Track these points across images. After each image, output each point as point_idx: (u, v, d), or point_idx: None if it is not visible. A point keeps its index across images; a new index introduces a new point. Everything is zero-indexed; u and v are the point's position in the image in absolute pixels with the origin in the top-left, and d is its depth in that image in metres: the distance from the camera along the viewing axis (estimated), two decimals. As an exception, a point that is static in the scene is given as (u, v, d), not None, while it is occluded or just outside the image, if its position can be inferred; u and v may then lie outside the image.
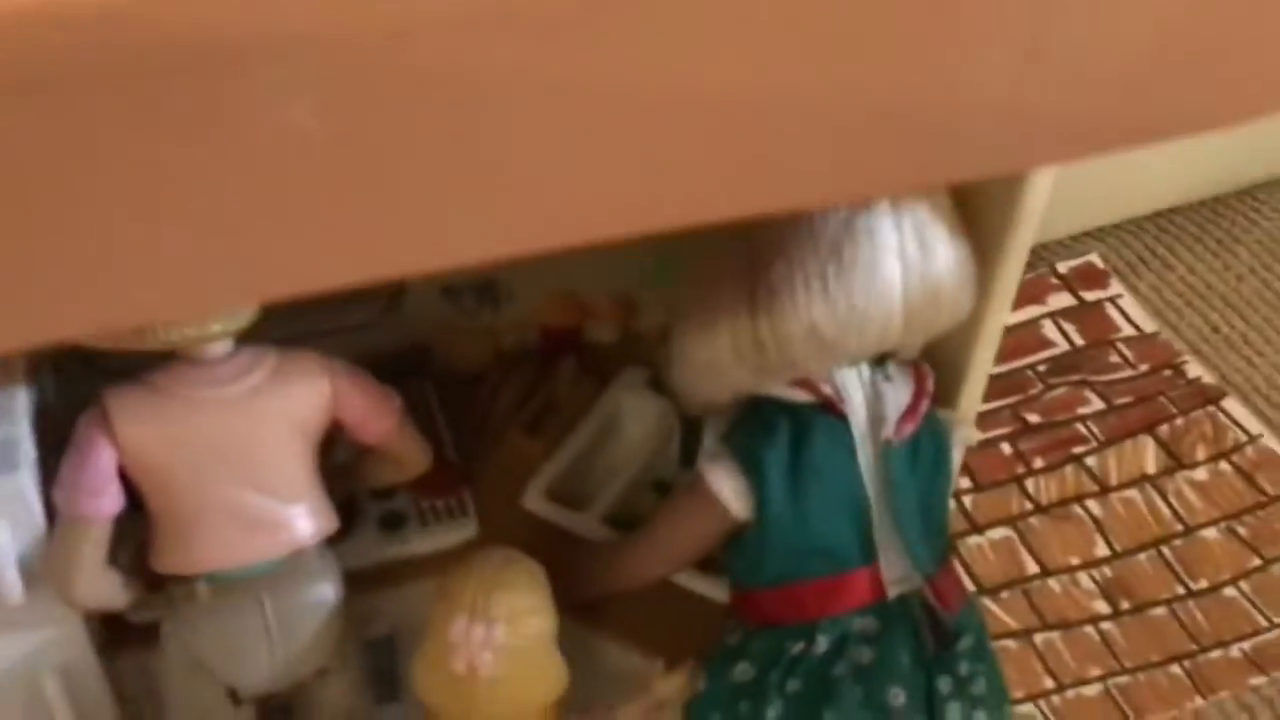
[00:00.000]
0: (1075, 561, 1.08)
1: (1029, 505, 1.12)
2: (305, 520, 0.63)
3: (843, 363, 0.60)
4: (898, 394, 0.62)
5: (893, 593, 0.62)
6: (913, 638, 0.62)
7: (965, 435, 0.66)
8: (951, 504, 0.77)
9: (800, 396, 0.61)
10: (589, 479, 0.79)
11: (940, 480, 0.64)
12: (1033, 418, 1.18)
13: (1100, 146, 0.41)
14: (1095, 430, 1.18)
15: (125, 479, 0.60)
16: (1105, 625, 1.03)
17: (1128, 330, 1.26)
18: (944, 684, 0.62)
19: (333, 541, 0.72)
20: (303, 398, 0.61)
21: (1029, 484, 1.13)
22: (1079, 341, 1.25)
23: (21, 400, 0.62)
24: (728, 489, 0.61)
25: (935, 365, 0.65)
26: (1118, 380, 1.22)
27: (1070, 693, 0.99)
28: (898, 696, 0.61)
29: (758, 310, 0.58)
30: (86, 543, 0.60)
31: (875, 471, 0.62)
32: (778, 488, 0.60)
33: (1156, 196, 1.39)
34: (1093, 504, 1.12)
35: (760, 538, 0.62)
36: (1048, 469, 1.15)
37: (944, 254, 0.59)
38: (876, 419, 0.62)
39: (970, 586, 1.03)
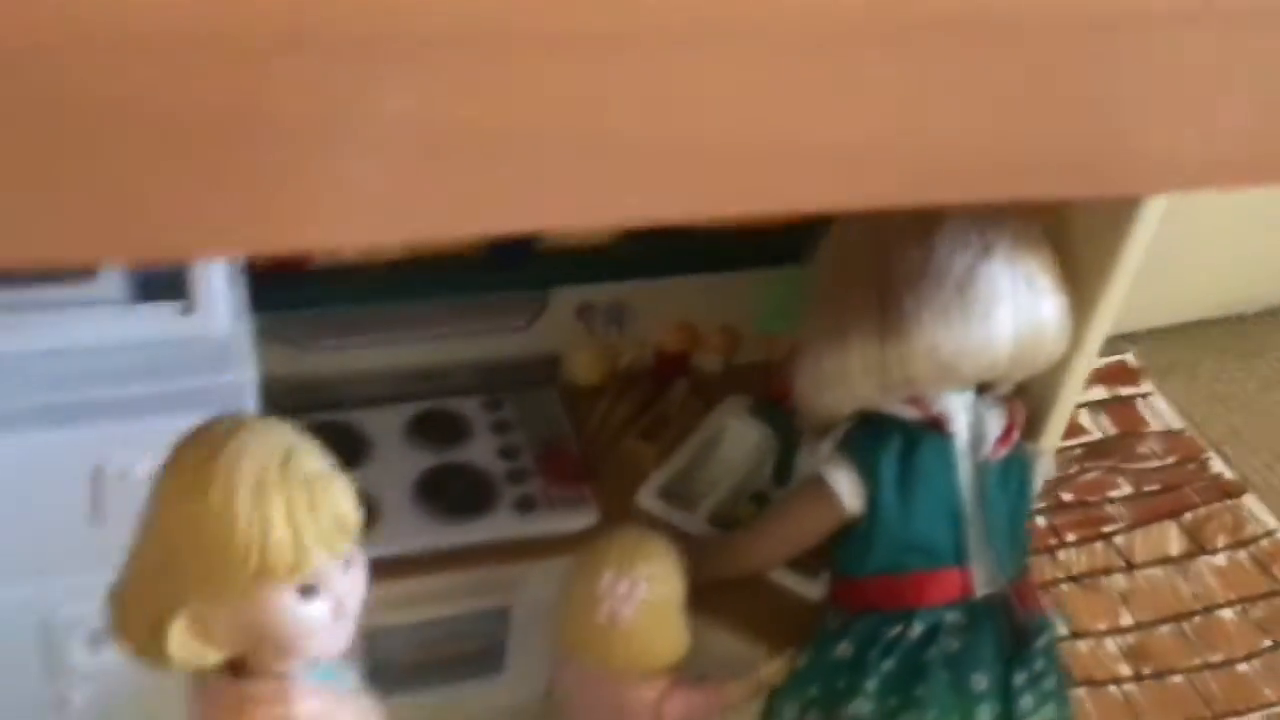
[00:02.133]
0: (1101, 627, 1.16)
1: (1060, 574, 1.21)
2: None
3: (953, 387, 0.70)
4: (994, 421, 0.72)
5: (980, 593, 0.71)
6: (996, 634, 0.71)
7: (1046, 466, 0.76)
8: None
9: (912, 414, 0.71)
10: (693, 487, 0.88)
11: (1024, 501, 0.74)
12: (1067, 497, 1.28)
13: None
14: (1124, 512, 1.27)
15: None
16: (1128, 687, 1.11)
17: (1156, 425, 1.36)
18: (1019, 677, 0.70)
19: (471, 516, 0.81)
20: None
21: (1061, 555, 1.22)
22: (1112, 431, 1.34)
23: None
24: (845, 487, 0.71)
25: (1025, 404, 0.74)
26: (1146, 469, 1.31)
27: (1083, 740, 1.07)
28: (980, 682, 0.69)
29: (886, 335, 0.68)
30: None
31: (972, 485, 0.71)
32: (889, 488, 0.70)
33: (1186, 308, 1.50)
34: (1119, 578, 1.21)
35: (869, 532, 0.71)
36: (1079, 543, 1.24)
37: (1049, 302, 0.69)
38: (977, 440, 0.71)
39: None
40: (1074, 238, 0.70)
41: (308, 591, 0.49)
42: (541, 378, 0.91)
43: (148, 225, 0.37)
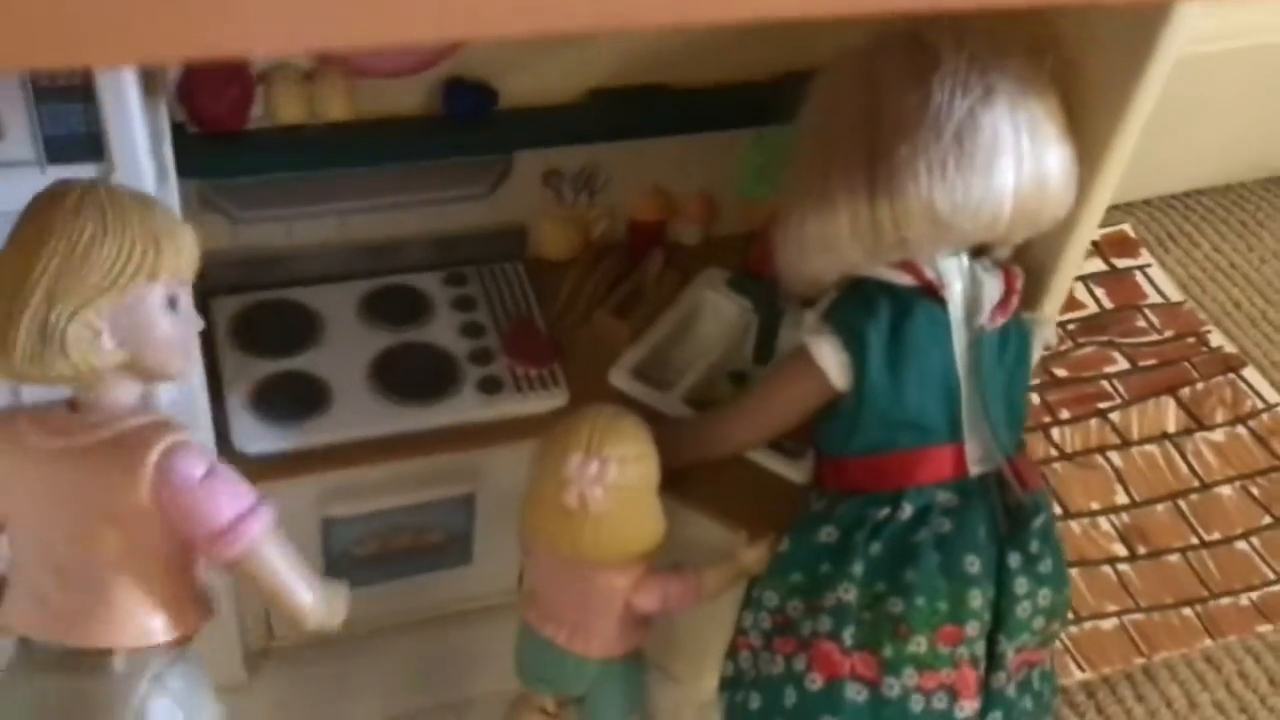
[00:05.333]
0: (1096, 506, 1.13)
1: (1054, 452, 1.17)
2: (111, 626, 0.54)
3: (949, 248, 0.65)
4: (992, 288, 0.67)
5: (974, 471, 0.67)
6: (989, 514, 0.66)
7: (1046, 336, 0.70)
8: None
9: (903, 280, 0.65)
10: (668, 365, 0.83)
11: (1022, 373, 0.68)
12: (1061, 372, 1.23)
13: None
14: (1120, 388, 1.22)
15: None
16: (1122, 566, 1.08)
17: (1155, 298, 1.31)
18: (1014, 559, 0.66)
19: (432, 399, 0.76)
20: (117, 485, 0.53)
21: (1055, 433, 1.18)
22: (1108, 305, 1.29)
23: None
24: (831, 361, 0.65)
25: (1024, 270, 0.69)
26: (1143, 344, 1.27)
27: (1088, 624, 1.04)
28: (973, 565, 0.65)
29: (877, 191, 0.62)
30: None
31: (967, 357, 0.66)
32: (877, 362, 0.65)
33: (1185, 177, 1.44)
34: (1114, 455, 1.17)
35: (856, 408, 0.66)
36: (1073, 420, 1.19)
37: (1054, 152, 0.63)
38: (972, 308, 0.66)
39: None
40: (1082, 81, 0.64)
41: (172, 302, 0.54)
42: (506, 251, 0.85)
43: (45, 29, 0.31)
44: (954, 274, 0.65)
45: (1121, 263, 1.34)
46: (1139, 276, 1.34)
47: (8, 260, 0.51)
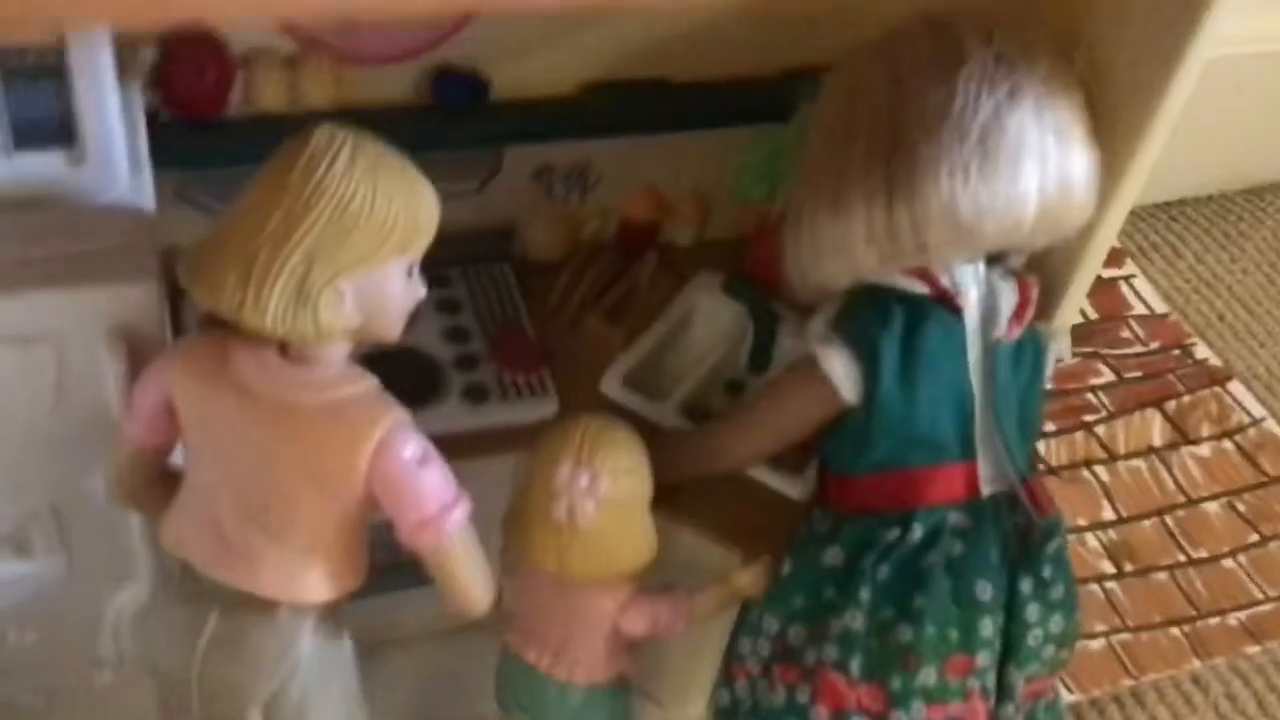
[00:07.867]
0: (1083, 523, 1.10)
1: (1040, 467, 1.14)
2: (285, 578, 0.54)
3: (969, 255, 0.62)
4: (1007, 297, 0.64)
5: (986, 491, 0.64)
6: (1001, 537, 0.63)
7: (1060, 348, 0.68)
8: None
9: (918, 287, 0.62)
10: (662, 373, 0.79)
11: (1037, 387, 0.66)
12: (1046, 384, 1.21)
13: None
14: (1105, 401, 1.20)
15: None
16: (1110, 584, 1.06)
17: (1140, 309, 1.29)
18: (1026, 584, 0.63)
19: (416, 406, 0.72)
20: (334, 452, 0.52)
21: (1040, 447, 1.16)
22: (1093, 315, 1.27)
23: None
24: (841, 373, 0.62)
25: (1038, 279, 0.66)
26: (1129, 355, 1.25)
27: (1076, 645, 1.01)
28: (984, 591, 0.62)
29: (896, 193, 0.59)
30: (122, 455, 0.57)
31: (981, 369, 0.63)
32: (890, 375, 0.61)
33: (1167, 187, 1.42)
34: (1101, 470, 1.15)
35: (866, 423, 0.62)
36: (1059, 433, 1.17)
37: (1079, 156, 0.60)
38: (988, 318, 0.63)
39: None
40: (1109, 84, 0.62)
41: (409, 272, 0.53)
42: (493, 251, 0.81)
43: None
44: (970, 282, 0.63)
45: (1106, 273, 1.32)
46: (1124, 287, 1.32)
47: (265, 208, 0.49)
